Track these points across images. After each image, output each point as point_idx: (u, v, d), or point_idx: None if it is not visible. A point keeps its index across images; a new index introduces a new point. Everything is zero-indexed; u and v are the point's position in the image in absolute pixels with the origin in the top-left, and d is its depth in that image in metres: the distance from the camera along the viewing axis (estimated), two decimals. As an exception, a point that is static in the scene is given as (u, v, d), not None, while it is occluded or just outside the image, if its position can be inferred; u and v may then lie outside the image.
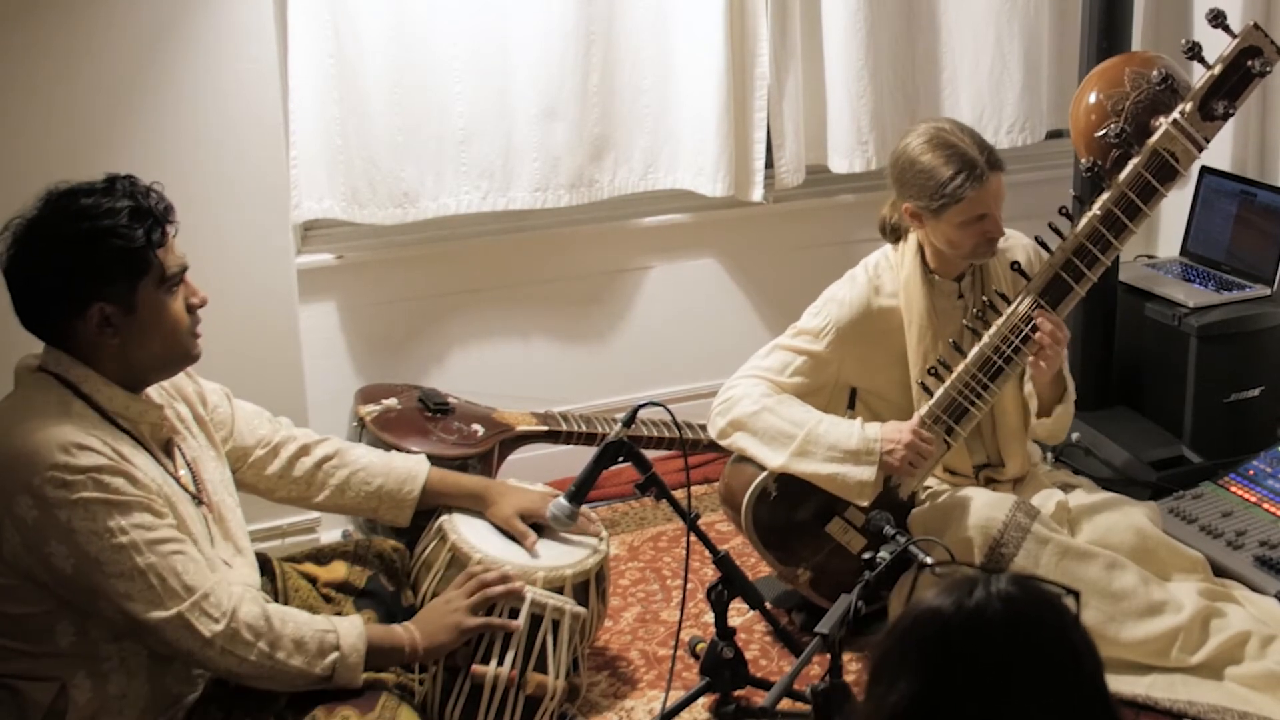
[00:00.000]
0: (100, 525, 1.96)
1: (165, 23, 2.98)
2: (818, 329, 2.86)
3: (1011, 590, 1.29)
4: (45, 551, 1.95)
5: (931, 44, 3.91)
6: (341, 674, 2.13)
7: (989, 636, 1.28)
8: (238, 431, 2.45)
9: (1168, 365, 3.60)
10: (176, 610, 2.00)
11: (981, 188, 2.69)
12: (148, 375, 2.14)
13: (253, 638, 2.06)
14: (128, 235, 2.03)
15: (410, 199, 3.40)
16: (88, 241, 2.02)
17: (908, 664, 1.29)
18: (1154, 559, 2.81)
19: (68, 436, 1.98)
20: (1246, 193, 3.68)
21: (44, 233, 2.04)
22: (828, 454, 2.74)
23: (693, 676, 2.76)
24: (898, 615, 1.35)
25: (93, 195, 2.05)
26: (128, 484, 2.01)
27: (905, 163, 2.76)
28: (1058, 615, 1.31)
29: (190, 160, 3.05)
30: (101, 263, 2.02)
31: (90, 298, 2.03)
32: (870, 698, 1.32)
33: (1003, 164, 2.75)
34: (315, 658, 2.11)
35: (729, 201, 3.76)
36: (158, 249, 2.06)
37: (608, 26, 3.52)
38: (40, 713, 2.03)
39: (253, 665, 2.06)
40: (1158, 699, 2.63)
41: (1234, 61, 2.65)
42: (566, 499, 2.57)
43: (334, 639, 2.13)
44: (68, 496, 1.95)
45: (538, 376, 3.75)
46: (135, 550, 1.98)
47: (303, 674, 2.10)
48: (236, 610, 2.05)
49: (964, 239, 2.75)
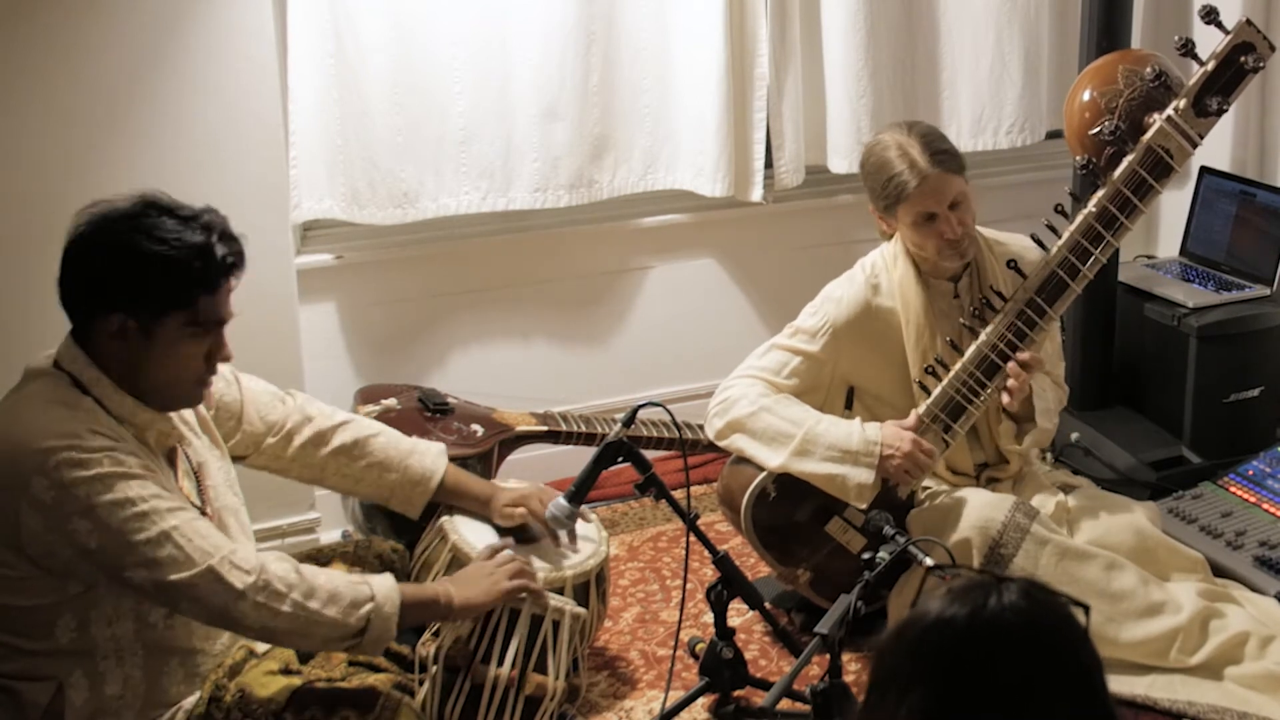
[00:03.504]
0: (120, 495, 1.97)
1: (165, 23, 2.99)
2: (814, 329, 2.86)
3: (1024, 602, 1.27)
4: (69, 529, 1.96)
5: (931, 44, 3.91)
6: (376, 625, 2.11)
7: (1004, 648, 1.25)
8: (248, 417, 2.44)
9: (1167, 365, 3.60)
10: (207, 565, 2.00)
11: (921, 184, 2.70)
12: (143, 395, 2.12)
13: (285, 589, 2.05)
14: (181, 269, 2.03)
15: (410, 199, 3.40)
16: (140, 257, 2.02)
17: (919, 675, 1.26)
18: (1153, 559, 2.81)
19: (78, 424, 1.99)
20: (1246, 193, 3.68)
21: (112, 229, 2.04)
22: (826, 454, 2.74)
23: (692, 676, 2.76)
24: (902, 623, 1.31)
25: (175, 219, 2.05)
26: (139, 464, 2.02)
27: (863, 164, 2.86)
28: (1070, 627, 1.30)
29: (190, 160, 3.05)
30: (142, 282, 2.03)
31: (117, 306, 2.03)
32: (877, 708, 1.29)
33: (953, 165, 2.74)
34: (350, 608, 2.09)
35: (729, 201, 3.76)
36: (205, 293, 2.06)
37: (608, 26, 3.52)
38: (38, 713, 2.03)
39: (287, 618, 2.05)
40: (1157, 699, 2.63)
41: (1227, 58, 2.65)
42: (566, 499, 2.57)
43: (368, 590, 2.12)
44: (84, 474, 1.96)
45: (538, 377, 3.75)
46: (157, 515, 1.99)
47: (337, 624, 2.08)
48: (265, 564, 2.06)
49: (922, 240, 2.77)
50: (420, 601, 2.22)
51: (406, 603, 2.16)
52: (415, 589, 2.24)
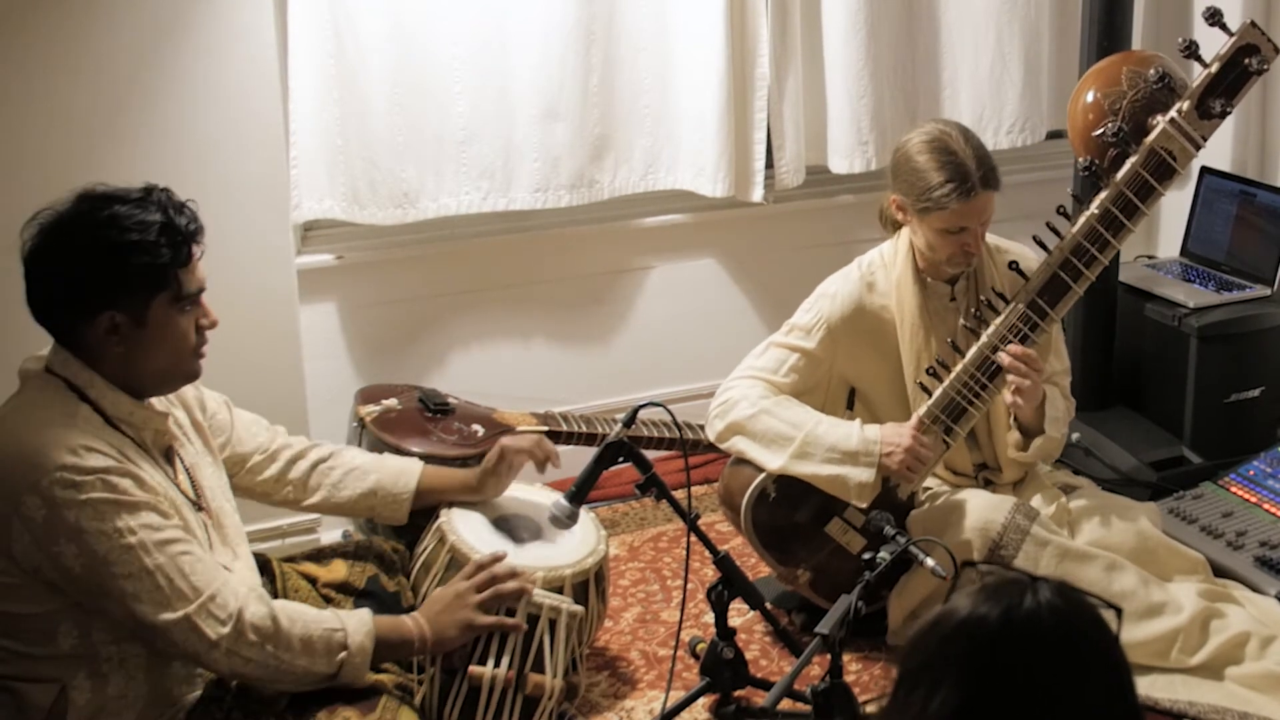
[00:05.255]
0: (109, 525, 1.96)
1: (165, 23, 2.98)
2: (809, 325, 2.86)
3: (1059, 602, 1.27)
4: (54, 550, 1.95)
5: (931, 44, 3.91)
6: (348, 672, 2.13)
7: (1038, 648, 1.25)
8: (236, 438, 2.46)
9: (1168, 365, 3.60)
10: (184, 613, 2.00)
11: (968, 203, 2.67)
12: (146, 386, 2.13)
13: (259, 639, 2.05)
14: (154, 252, 2.02)
15: (410, 199, 3.40)
16: (112, 252, 2.01)
17: (951, 672, 1.26)
18: (1154, 560, 2.81)
19: (75, 439, 1.98)
20: (1246, 193, 3.68)
21: (71, 233, 2.03)
22: (827, 455, 2.74)
23: (693, 677, 2.76)
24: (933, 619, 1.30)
25: (127, 204, 2.04)
26: (135, 485, 2.01)
27: (902, 157, 2.77)
28: (1101, 629, 1.30)
29: (190, 160, 3.05)
30: (122, 275, 2.02)
31: (103, 306, 2.03)
32: (905, 705, 1.28)
33: (997, 183, 2.71)
34: (322, 657, 2.10)
35: (729, 202, 3.76)
36: (180, 268, 2.06)
37: (608, 26, 3.52)
38: (40, 714, 2.02)
39: (258, 666, 2.06)
40: (1158, 699, 2.63)
41: (1231, 60, 2.65)
42: (567, 499, 2.57)
43: (342, 637, 2.13)
44: (76, 497, 1.95)
45: (538, 377, 3.75)
46: (144, 550, 1.98)
47: (309, 673, 2.10)
48: (242, 612, 2.04)
49: (941, 246, 2.75)
50: (395, 642, 2.22)
51: (380, 644, 2.17)
52: (390, 628, 2.22)
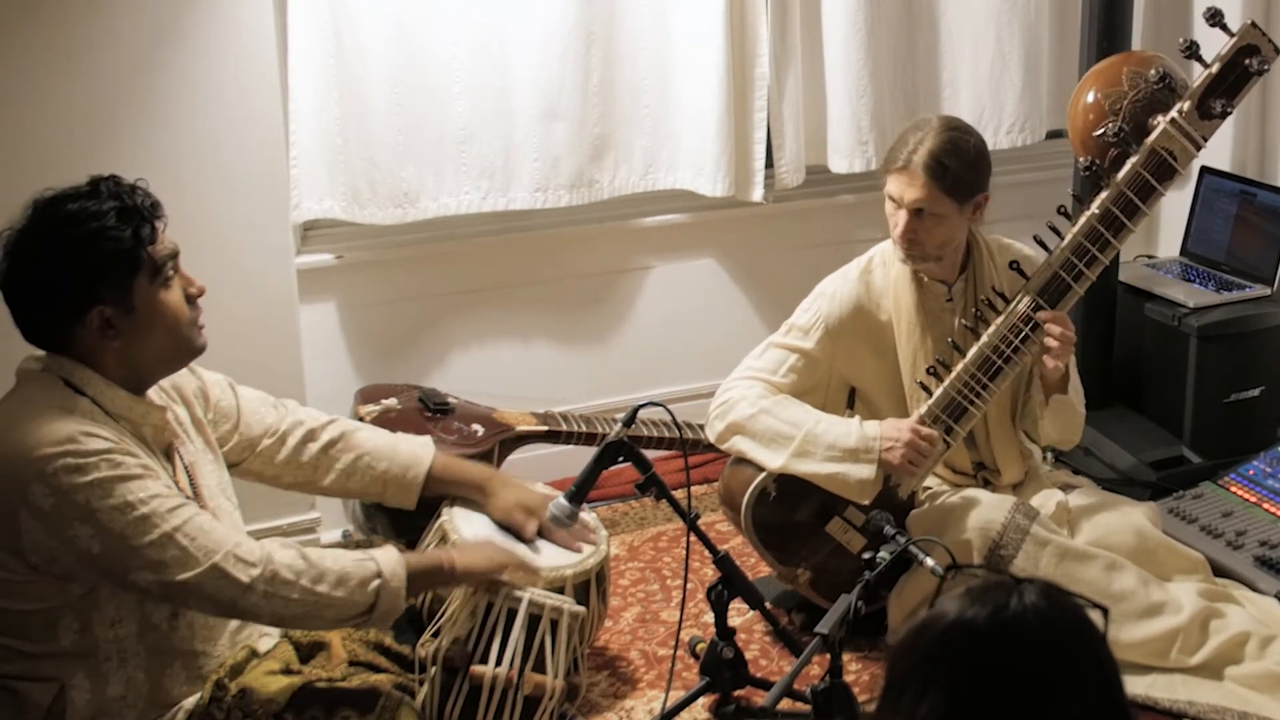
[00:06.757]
0: (119, 500, 1.97)
1: (165, 23, 2.99)
2: (807, 325, 2.87)
3: (1044, 604, 1.27)
4: (69, 535, 1.96)
5: (931, 44, 3.91)
6: (385, 600, 2.13)
7: (1026, 650, 1.25)
8: (244, 423, 2.45)
9: (1167, 365, 3.60)
10: (211, 562, 2.01)
11: (896, 171, 2.72)
12: (153, 372, 2.14)
13: (293, 576, 2.06)
14: (117, 236, 2.03)
15: (410, 199, 3.40)
16: (78, 248, 2.01)
17: (938, 675, 1.25)
18: (1154, 560, 2.81)
19: (74, 426, 1.99)
20: (1246, 193, 3.68)
21: (34, 243, 2.04)
22: (827, 453, 2.74)
23: (693, 676, 2.76)
24: (920, 623, 1.30)
25: (78, 200, 2.04)
26: (137, 463, 2.02)
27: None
28: (1088, 629, 1.30)
29: (190, 160, 3.05)
30: (94, 267, 2.02)
31: (88, 303, 2.03)
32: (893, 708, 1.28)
33: (940, 178, 2.67)
34: (358, 587, 2.11)
35: (729, 201, 3.76)
36: (148, 245, 2.06)
37: (608, 26, 3.52)
38: (40, 714, 2.02)
39: (298, 604, 2.06)
40: (1158, 699, 2.63)
41: (1231, 60, 2.65)
42: (566, 499, 2.57)
43: (373, 566, 2.14)
44: (82, 479, 1.95)
45: (538, 376, 3.75)
46: (158, 517, 1.99)
47: (348, 604, 2.11)
48: (271, 554, 2.06)
49: (890, 216, 2.77)
50: (424, 570, 2.24)
51: (412, 573, 2.19)
52: (419, 558, 2.27)
